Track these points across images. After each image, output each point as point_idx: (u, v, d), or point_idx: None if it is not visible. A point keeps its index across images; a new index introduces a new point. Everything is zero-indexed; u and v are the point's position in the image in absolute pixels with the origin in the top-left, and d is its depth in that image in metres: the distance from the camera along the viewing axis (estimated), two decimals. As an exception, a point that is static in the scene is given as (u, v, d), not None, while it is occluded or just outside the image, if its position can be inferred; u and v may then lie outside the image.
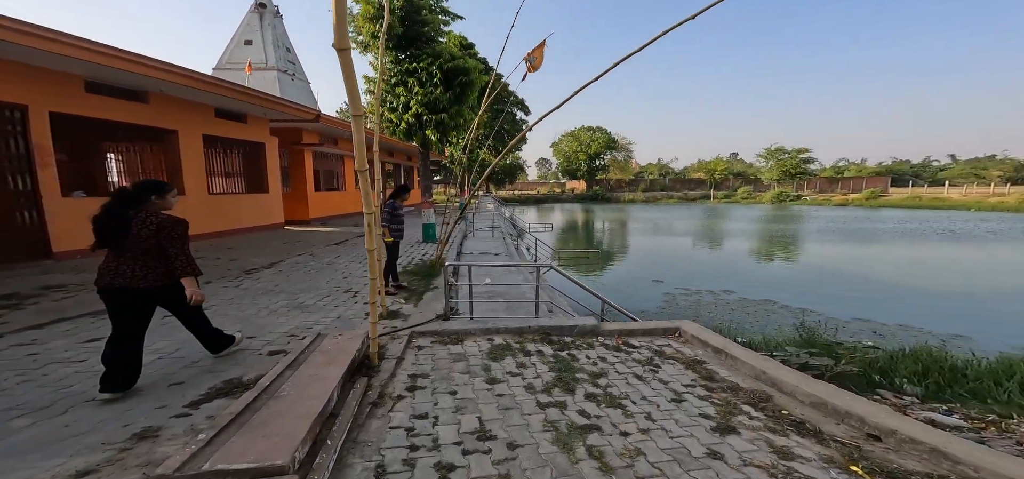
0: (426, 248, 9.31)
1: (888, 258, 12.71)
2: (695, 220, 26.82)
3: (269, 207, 10.68)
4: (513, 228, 20.29)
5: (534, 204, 50.45)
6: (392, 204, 5.34)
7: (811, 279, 9.75)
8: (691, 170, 66.96)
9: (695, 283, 9.34)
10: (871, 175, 50.79)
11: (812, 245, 15.43)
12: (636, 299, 8.04)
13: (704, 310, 7.16)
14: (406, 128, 9.79)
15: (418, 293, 5.61)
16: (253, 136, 10.12)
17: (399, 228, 5.48)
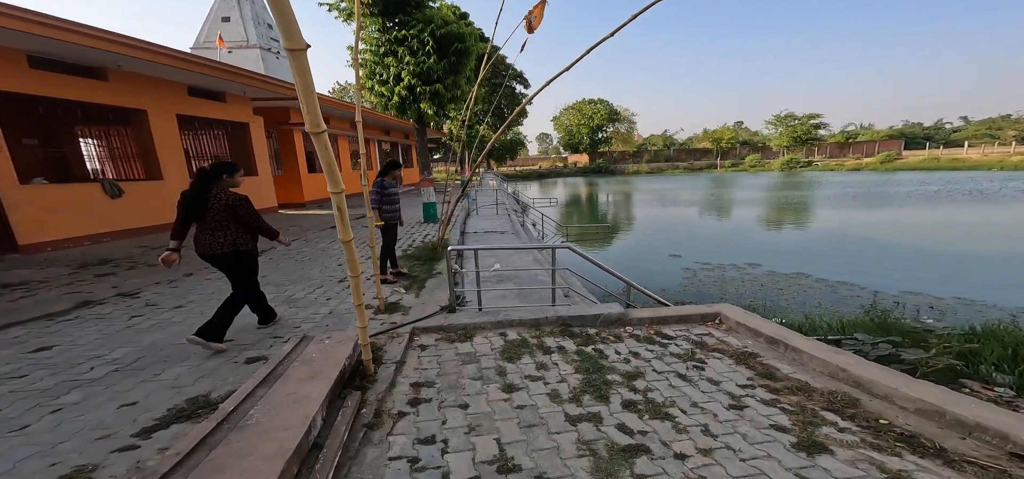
0: (427, 229, 8.74)
1: (922, 222, 11.97)
2: (705, 190, 25.97)
3: (259, 191, 10.06)
4: (517, 203, 19.66)
5: (536, 179, 49.43)
6: (381, 182, 4.72)
7: (842, 248, 9.12)
8: (696, 140, 65.18)
9: (716, 256, 8.76)
10: (884, 139, 49.05)
11: (834, 211, 14.68)
12: (654, 276, 7.50)
13: (731, 287, 6.61)
14: (399, 102, 8.99)
15: (420, 280, 5.08)
16: (235, 116, 9.38)
17: (392, 210, 4.89)
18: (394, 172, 4.86)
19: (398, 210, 5.04)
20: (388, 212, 4.85)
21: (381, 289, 4.03)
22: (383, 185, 4.73)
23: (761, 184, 28.21)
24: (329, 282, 4.93)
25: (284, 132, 12.10)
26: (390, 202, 4.84)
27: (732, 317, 3.58)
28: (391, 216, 4.89)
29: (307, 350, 2.74)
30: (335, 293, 4.54)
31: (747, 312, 3.73)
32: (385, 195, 4.77)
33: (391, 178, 4.85)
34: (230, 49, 17.56)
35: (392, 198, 4.87)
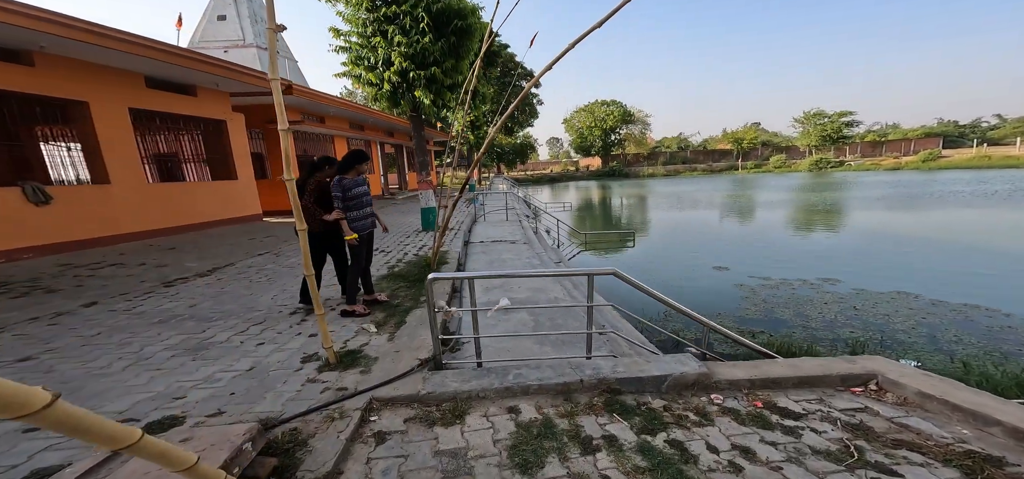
0: (425, 239, 7.42)
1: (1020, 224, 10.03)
2: (731, 192, 24.09)
3: (239, 196, 8.95)
4: (528, 208, 18.28)
5: (548, 183, 48.05)
6: (340, 181, 3.44)
7: (932, 258, 7.40)
8: (713, 141, 62.77)
9: (773, 270, 7.14)
10: (920, 137, 45.89)
11: (895, 214, 12.67)
12: (702, 297, 5.99)
13: (812, 311, 5.04)
14: (390, 90, 7.75)
15: (401, 311, 3.74)
16: (208, 112, 8.32)
17: (363, 216, 3.60)
18: (359, 166, 3.55)
19: (371, 215, 3.74)
20: (358, 220, 3.55)
21: (329, 337, 2.68)
22: (344, 186, 3.43)
23: (792, 185, 26.13)
24: (276, 316, 3.62)
25: (272, 132, 11.06)
26: (358, 206, 3.54)
27: (900, 379, 2.11)
28: (362, 225, 3.58)
29: (128, 468, 1.38)
30: (276, 334, 3.22)
31: (924, 373, 2.24)
32: (350, 197, 3.47)
33: (354, 174, 3.55)
34: (227, 47, 16.78)
35: (360, 200, 3.56)
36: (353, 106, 13.80)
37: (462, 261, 6.43)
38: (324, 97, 11.77)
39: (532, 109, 33.49)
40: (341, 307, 3.63)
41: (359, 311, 3.60)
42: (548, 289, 4.75)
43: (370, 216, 3.72)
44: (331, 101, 12.06)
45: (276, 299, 4.07)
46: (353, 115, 14.70)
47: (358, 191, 3.53)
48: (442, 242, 5.18)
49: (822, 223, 12.01)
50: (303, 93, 10.28)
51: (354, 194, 3.49)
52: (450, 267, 5.53)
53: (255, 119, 10.77)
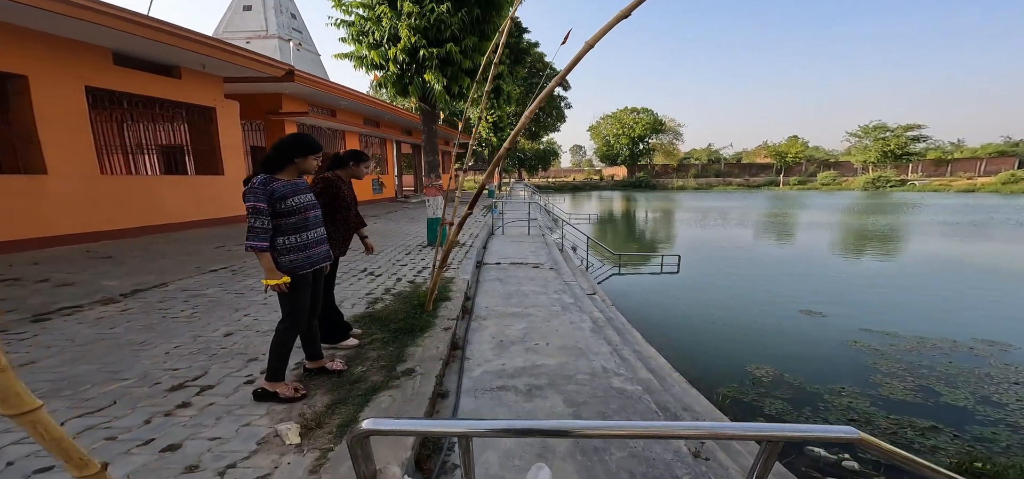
0: (429, 257, 6.01)
1: None
2: (781, 211, 21.54)
3: (225, 195, 7.88)
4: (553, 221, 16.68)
5: (570, 192, 46.24)
6: (265, 186, 2.00)
7: None
8: (748, 154, 58.98)
9: (891, 320, 5.25)
10: (992, 155, 40.80)
11: None
12: (801, 358, 4.22)
13: (1006, 395, 3.17)
14: (397, 73, 6.43)
15: (358, 395, 2.28)
16: (194, 97, 7.29)
17: (301, 248, 2.14)
18: (302, 161, 2.12)
19: (324, 243, 2.30)
20: (297, 252, 2.12)
21: None
22: (272, 190, 2.02)
23: (852, 206, 23.17)
24: (142, 398, 2.22)
25: (274, 124, 10.08)
26: (297, 227, 2.11)
27: None
28: (303, 260, 2.14)
29: None
30: (176, 425, 1.81)
31: None
32: (282, 212, 2.05)
33: (291, 173, 2.12)
34: (250, 38, 16.26)
35: (302, 218, 2.13)
36: (367, 100, 12.76)
37: (471, 292, 4.95)
38: (335, 88, 10.72)
39: (559, 112, 31.90)
40: (258, 384, 2.21)
41: (283, 393, 2.16)
42: (571, 332, 3.16)
43: (321, 244, 2.25)
44: (342, 92, 11.02)
45: (201, 340, 2.71)
46: (368, 110, 13.68)
47: (297, 202, 2.08)
48: (445, 266, 3.72)
49: (924, 255, 9.73)
50: (309, 82, 9.21)
51: (290, 207, 2.05)
52: (454, 303, 4.05)
53: (255, 109, 9.81)
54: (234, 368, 2.52)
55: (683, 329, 5.37)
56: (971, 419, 2.91)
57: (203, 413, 2.03)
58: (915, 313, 5.53)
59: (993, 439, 2.64)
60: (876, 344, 4.43)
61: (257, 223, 1.94)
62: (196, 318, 3.29)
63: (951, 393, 3.28)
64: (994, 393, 3.24)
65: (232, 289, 4.07)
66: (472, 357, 3.22)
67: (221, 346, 2.80)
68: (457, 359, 3.24)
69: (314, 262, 2.19)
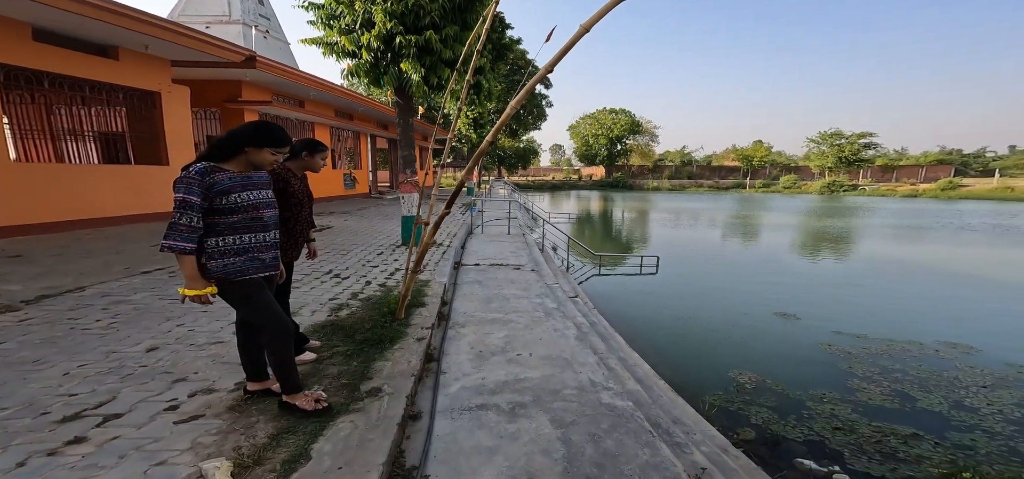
0: (403, 258, 5.65)
1: None
2: (749, 213, 22.46)
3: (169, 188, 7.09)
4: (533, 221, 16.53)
5: (549, 190, 46.45)
6: (202, 179, 1.64)
7: None
8: (718, 157, 61.53)
9: (859, 322, 5.41)
10: (932, 163, 44.73)
11: (997, 250, 10.79)
12: (780, 361, 4.24)
13: (976, 399, 3.22)
14: (371, 61, 5.96)
15: (342, 387, 1.99)
16: (134, 81, 6.52)
17: (242, 252, 1.80)
18: (253, 153, 1.78)
19: (274, 249, 1.94)
20: (235, 256, 1.77)
21: None
22: (209, 184, 1.66)
23: (812, 209, 24.52)
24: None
25: (232, 113, 9.27)
26: (238, 228, 1.76)
27: None
28: (243, 266, 1.80)
29: None
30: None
31: None
32: (224, 207, 1.71)
33: (239, 165, 1.79)
34: (209, 23, 15.01)
35: (248, 218, 1.79)
36: (339, 91, 12.05)
37: (448, 296, 4.65)
38: (303, 76, 10.01)
39: (540, 110, 31.84)
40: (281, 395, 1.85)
41: (302, 405, 1.96)
42: (554, 341, 2.97)
43: (273, 249, 1.91)
44: (311, 82, 10.31)
45: (70, 378, 2.25)
46: (340, 101, 12.95)
47: (243, 198, 1.74)
48: (420, 269, 3.40)
49: (881, 258, 10.29)
50: (272, 69, 8.51)
51: (232, 204, 1.71)
52: (429, 310, 3.74)
53: (209, 96, 8.99)
54: (153, 391, 2.11)
55: (665, 332, 5.32)
56: (948, 425, 2.94)
57: (102, 450, 1.65)
58: (880, 315, 5.75)
59: (973, 446, 2.67)
60: (848, 347, 4.51)
61: (182, 220, 1.59)
62: (113, 330, 2.81)
63: (925, 398, 3.34)
64: (965, 397, 3.32)
65: (166, 294, 3.57)
66: (449, 370, 2.95)
67: (140, 364, 2.38)
68: (432, 373, 2.95)
69: (266, 267, 1.87)
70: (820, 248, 11.79)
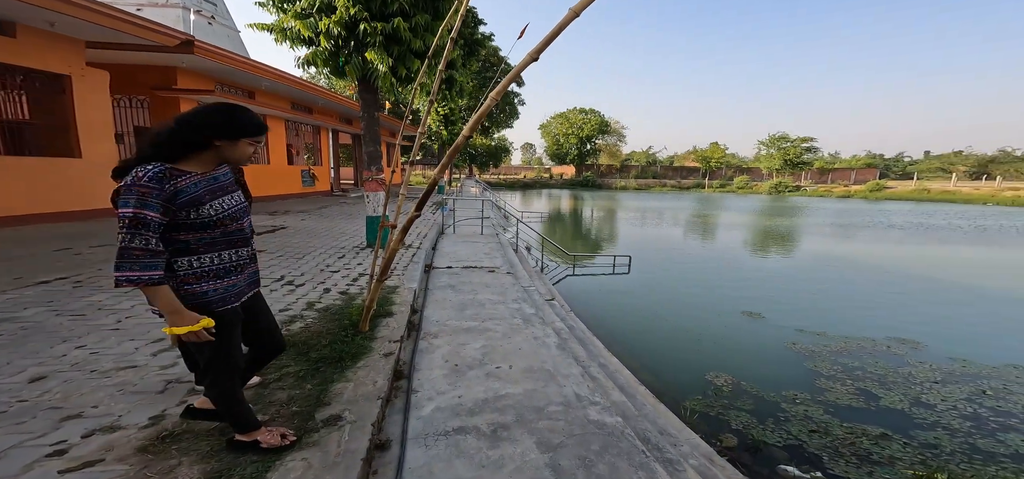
0: (366, 262, 5.23)
1: None
2: (710, 212, 23.64)
3: (81, 182, 6.14)
4: (504, 217, 16.32)
5: (521, 189, 46.51)
6: (158, 178, 1.24)
7: (984, 307, 6.32)
8: (681, 158, 64.59)
9: (818, 320, 5.69)
10: (861, 167, 49.80)
11: (923, 248, 11.73)
12: (749, 361, 4.33)
13: (930, 394, 3.44)
14: (330, 49, 5.41)
15: (294, 416, 1.63)
16: (36, 62, 5.52)
17: (224, 274, 1.48)
18: (228, 147, 1.42)
19: (251, 263, 1.63)
20: (210, 285, 1.43)
21: None
22: (174, 193, 1.28)
23: (763, 208, 26.31)
24: None
25: (165, 101, 8.23)
26: (218, 244, 1.45)
27: None
28: (226, 291, 1.48)
29: None
30: None
31: None
32: (196, 222, 1.35)
33: (197, 165, 1.38)
34: (141, 5, 13.37)
35: (226, 231, 1.45)
36: (296, 82, 11.14)
37: (419, 303, 4.32)
38: (252, 65, 9.11)
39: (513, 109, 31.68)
40: (232, 433, 1.54)
41: (265, 441, 1.69)
42: (559, 378, 2.79)
43: (249, 267, 1.60)
44: (263, 71, 9.40)
45: None
46: (298, 93, 11.99)
47: (218, 208, 1.40)
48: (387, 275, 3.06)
49: (828, 255, 11.09)
50: (214, 56, 7.64)
51: (206, 218, 1.36)
52: (398, 319, 3.40)
53: (136, 82, 7.93)
54: (32, 433, 1.67)
55: (641, 333, 5.31)
56: (912, 423, 3.08)
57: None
58: (834, 312, 6.11)
59: (938, 445, 2.80)
60: (811, 345, 4.70)
61: (136, 242, 1.19)
62: (61, 331, 2.26)
63: (887, 396, 3.50)
64: (922, 394, 3.52)
65: (67, 309, 2.97)
66: (421, 389, 2.66)
67: (17, 398, 1.89)
68: (401, 393, 2.65)
69: (241, 292, 1.53)
70: (775, 247, 12.57)
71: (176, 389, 2.16)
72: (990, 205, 26.86)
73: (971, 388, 3.63)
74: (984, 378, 3.84)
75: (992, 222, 17.87)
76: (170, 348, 2.58)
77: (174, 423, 1.84)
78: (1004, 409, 3.29)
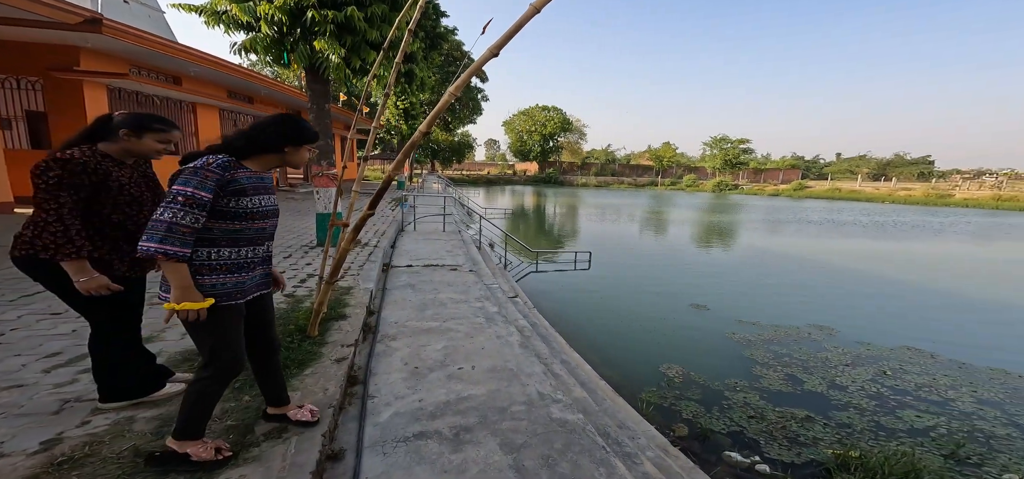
0: (316, 262, 4.89)
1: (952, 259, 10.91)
2: (662, 209, 25.11)
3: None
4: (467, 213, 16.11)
5: (485, 184, 46.25)
6: (224, 167, 1.44)
7: (927, 299, 7.08)
8: (636, 156, 67.86)
9: (753, 309, 6.26)
10: (787, 168, 55.81)
11: (834, 241, 13.28)
12: (698, 352, 4.65)
13: (844, 377, 3.93)
14: (274, 36, 4.89)
15: (231, 430, 1.45)
16: None
17: (242, 268, 1.58)
18: (293, 153, 1.64)
19: (263, 262, 1.72)
20: (222, 277, 1.52)
21: None
22: (229, 181, 1.45)
23: (706, 205, 28.49)
24: None
25: (64, 85, 7.07)
26: (242, 240, 1.56)
27: None
28: (229, 288, 1.53)
29: None
30: None
31: None
32: (234, 211, 1.49)
33: (257, 165, 1.59)
34: None
35: (254, 227, 1.57)
36: (232, 68, 10.06)
37: (376, 304, 4.12)
38: (174, 48, 8.08)
39: (476, 104, 31.24)
40: (158, 445, 1.54)
41: (197, 455, 1.55)
42: (522, 377, 2.79)
43: (261, 266, 1.68)
44: (190, 56, 8.37)
45: None
46: (235, 82, 10.86)
47: (256, 204, 1.53)
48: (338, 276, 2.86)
49: (762, 250, 12.24)
50: (128, 36, 6.69)
51: (244, 209, 1.48)
52: (352, 322, 3.21)
53: (27, 61, 6.76)
54: None
55: (601, 328, 5.50)
56: (830, 405, 3.49)
57: None
58: (765, 302, 6.77)
59: (850, 424, 3.19)
60: (748, 335, 5.15)
61: (186, 219, 1.32)
62: None
63: (809, 379, 3.94)
64: (837, 376, 4.00)
65: None
66: (378, 394, 2.54)
67: None
68: (357, 399, 2.51)
69: (247, 290, 1.57)
70: (718, 241, 13.65)
71: (75, 409, 1.87)
72: (887, 203, 31.27)
73: (874, 369, 4.19)
74: (884, 359, 4.46)
75: (888, 219, 20.81)
76: (66, 363, 2.24)
77: (74, 447, 1.59)
78: (901, 387, 3.84)
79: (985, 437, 3.03)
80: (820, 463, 2.69)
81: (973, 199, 29.64)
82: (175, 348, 2.58)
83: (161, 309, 1.45)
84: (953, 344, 4.97)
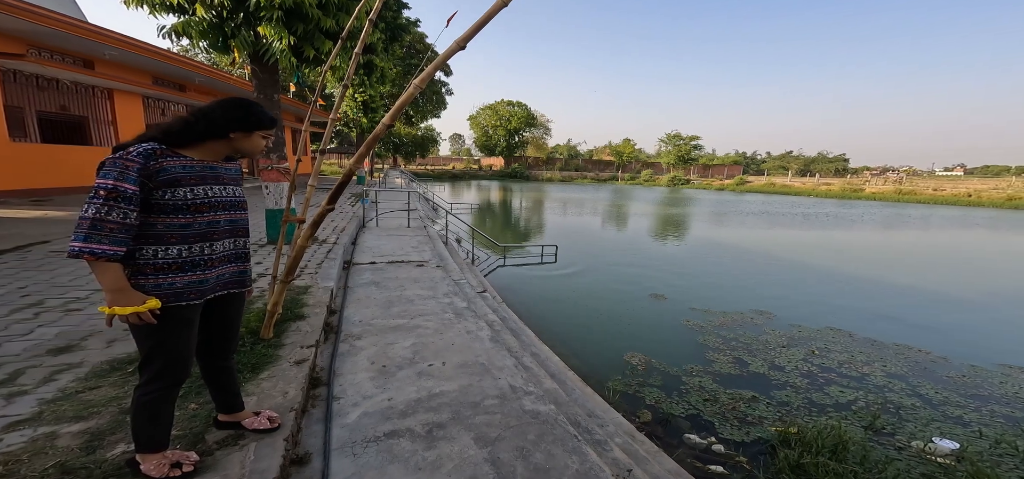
0: (268, 261, 4.55)
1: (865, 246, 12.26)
2: (622, 202, 26.16)
3: None
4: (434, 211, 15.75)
5: (450, 180, 45.42)
6: (145, 156, 1.30)
7: (845, 283, 7.89)
8: (598, 151, 70.03)
9: (706, 297, 6.73)
10: (731, 164, 60.53)
11: (770, 231, 14.57)
12: (659, 341, 4.94)
13: (782, 358, 4.33)
14: (213, 20, 4.37)
15: (183, 441, 1.25)
16: None
17: (194, 257, 1.48)
18: (242, 140, 1.53)
19: (223, 261, 1.56)
20: (168, 277, 1.42)
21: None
22: (156, 170, 1.32)
23: (662, 199, 30.13)
24: None
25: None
26: (188, 236, 1.42)
27: None
28: (178, 288, 1.44)
29: None
30: None
31: None
32: (169, 204, 1.36)
33: (202, 153, 1.48)
34: None
35: (198, 221, 1.43)
36: (157, 53, 8.97)
37: (338, 302, 3.92)
38: (83, 28, 7.08)
39: (440, 98, 30.42)
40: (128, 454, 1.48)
41: (148, 471, 1.43)
42: (493, 371, 2.80)
43: (229, 263, 1.56)
44: (98, 36, 7.36)
45: None
46: (163, 67, 9.73)
47: (198, 194, 1.40)
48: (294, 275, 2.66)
49: (710, 241, 13.17)
50: (22, 12, 5.78)
51: (179, 201, 1.34)
52: (311, 322, 3.02)
53: None
54: None
55: (568, 319, 5.64)
56: (771, 385, 3.86)
57: None
58: (714, 289, 7.31)
59: (788, 401, 3.55)
60: (701, 322, 5.54)
61: (113, 215, 1.18)
62: None
63: (753, 361, 4.32)
64: (776, 358, 4.43)
65: None
66: (344, 395, 2.43)
67: None
68: (321, 401, 2.39)
69: (205, 290, 1.44)
70: (672, 233, 14.52)
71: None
72: (812, 197, 34.97)
73: (805, 350, 4.70)
74: (812, 340, 5.01)
75: (812, 211, 23.30)
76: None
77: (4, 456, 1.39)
78: (827, 365, 4.35)
79: (895, 408, 3.52)
80: (766, 440, 2.97)
81: (879, 193, 34.01)
82: (105, 355, 2.29)
83: (98, 313, 1.31)
84: (866, 324, 5.70)
